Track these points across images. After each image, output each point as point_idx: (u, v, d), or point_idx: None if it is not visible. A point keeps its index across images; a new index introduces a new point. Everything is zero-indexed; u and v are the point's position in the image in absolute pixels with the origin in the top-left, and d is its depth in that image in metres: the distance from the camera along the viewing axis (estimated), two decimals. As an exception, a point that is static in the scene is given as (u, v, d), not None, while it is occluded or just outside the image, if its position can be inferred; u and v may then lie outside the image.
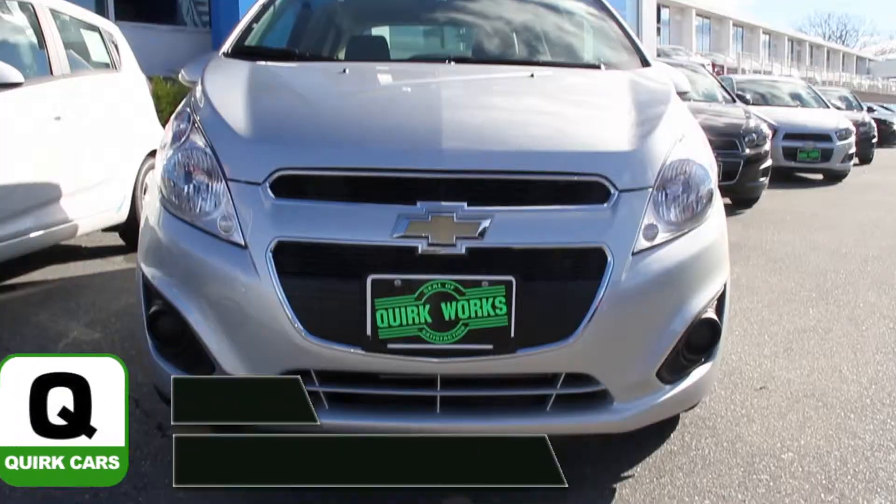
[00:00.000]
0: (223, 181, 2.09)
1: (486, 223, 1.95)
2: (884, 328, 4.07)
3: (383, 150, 2.12)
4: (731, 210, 8.19)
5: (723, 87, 9.97)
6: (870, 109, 20.53)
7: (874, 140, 16.66)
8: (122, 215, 5.20)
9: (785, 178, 11.52)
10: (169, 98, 8.80)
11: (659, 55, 23.93)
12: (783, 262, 5.75)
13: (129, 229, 5.26)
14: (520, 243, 1.98)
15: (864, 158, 15.63)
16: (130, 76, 5.70)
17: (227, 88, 2.53)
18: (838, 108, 15.43)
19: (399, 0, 4.02)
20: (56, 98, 4.55)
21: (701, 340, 2.22)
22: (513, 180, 2.07)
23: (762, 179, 8.28)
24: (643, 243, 2.06)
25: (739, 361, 3.47)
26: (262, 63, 2.97)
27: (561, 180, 2.08)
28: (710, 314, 2.22)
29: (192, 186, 2.14)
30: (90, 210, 4.80)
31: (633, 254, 2.03)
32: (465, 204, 1.97)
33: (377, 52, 3.49)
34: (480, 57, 3.44)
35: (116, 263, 5.18)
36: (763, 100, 13.14)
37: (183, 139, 2.26)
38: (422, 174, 2.03)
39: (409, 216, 1.95)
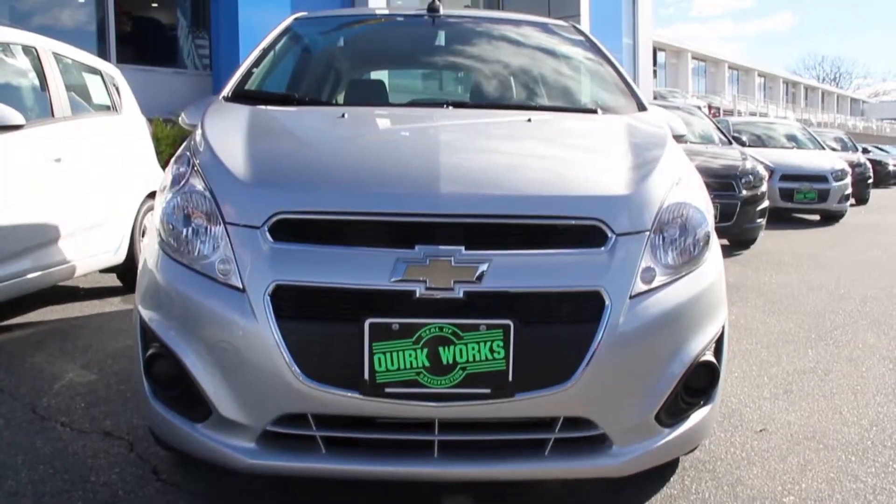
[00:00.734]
0: (222, 224, 2.10)
1: (483, 267, 1.96)
2: (884, 369, 4.06)
3: (381, 193, 2.13)
4: (728, 251, 8.22)
5: (719, 129, 10.05)
6: (865, 150, 20.72)
7: (870, 181, 16.78)
8: (119, 256, 5.21)
9: (782, 218, 11.58)
10: (169, 140, 8.85)
11: (656, 97, 24.19)
12: (781, 302, 5.75)
13: (126, 270, 5.28)
14: (517, 287, 1.98)
15: (861, 199, 15.72)
16: (131, 119, 5.75)
17: (227, 132, 2.55)
18: (834, 150, 15.57)
19: (397, 45, 4.07)
20: (57, 140, 4.59)
21: (700, 383, 2.21)
22: (510, 224, 2.07)
23: (759, 220, 8.30)
24: (641, 287, 2.06)
25: (739, 403, 3.45)
26: (262, 107, 3.00)
27: (558, 224, 2.09)
28: (709, 357, 2.22)
29: (190, 229, 2.15)
30: (88, 251, 4.81)
31: (631, 297, 2.04)
32: (462, 248, 1.97)
33: (376, 95, 3.53)
34: (478, 101, 3.48)
35: (114, 304, 5.17)
36: (759, 141, 13.26)
37: (182, 182, 2.27)
38: (420, 218, 2.04)
39: (407, 260, 1.95)
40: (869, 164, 17.17)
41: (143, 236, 5.40)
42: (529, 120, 2.90)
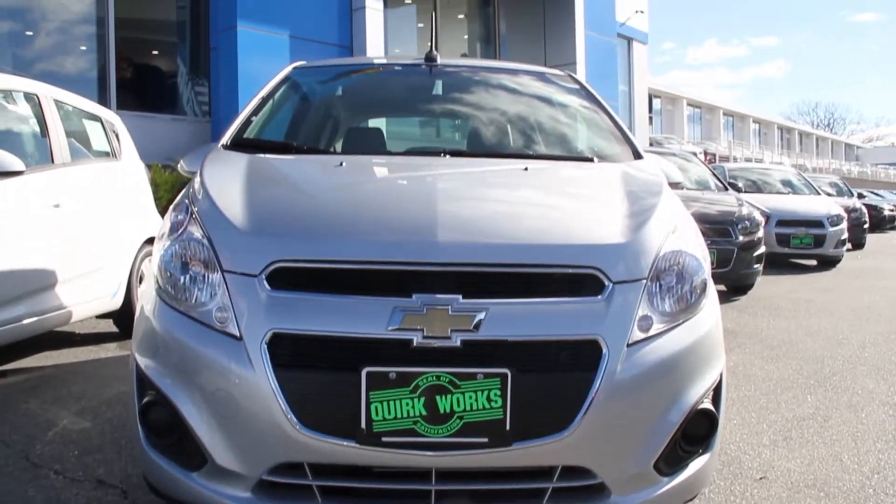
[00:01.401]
0: (219, 272, 2.10)
1: (481, 315, 1.96)
2: (883, 415, 4.04)
3: (379, 242, 2.13)
4: (726, 297, 8.22)
5: (715, 175, 10.12)
6: (860, 195, 20.83)
7: (866, 225, 16.86)
8: (116, 302, 5.20)
9: (779, 264, 11.60)
10: (167, 186, 8.89)
11: (652, 144, 24.41)
12: (780, 348, 5.74)
13: (123, 316, 5.27)
14: (515, 336, 1.98)
15: (857, 244, 15.77)
16: (130, 165, 5.78)
17: (226, 180, 2.57)
18: (829, 195, 15.67)
19: (395, 94, 4.11)
20: (56, 186, 4.61)
21: (698, 431, 2.20)
22: (508, 273, 2.08)
23: (756, 266, 8.32)
24: (638, 335, 2.06)
25: (738, 451, 3.43)
26: (261, 155, 3.01)
27: (555, 273, 2.10)
28: (707, 405, 2.21)
29: (188, 277, 2.16)
30: (85, 297, 4.81)
31: (628, 345, 2.04)
32: (460, 296, 1.98)
33: (374, 144, 3.56)
34: (475, 150, 3.50)
35: (109, 350, 5.15)
36: (755, 187, 13.36)
37: (180, 230, 2.28)
38: (417, 267, 2.04)
39: (405, 309, 1.95)
40: (864, 209, 17.28)
41: (140, 282, 5.40)
42: (526, 168, 2.92)
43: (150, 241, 5.54)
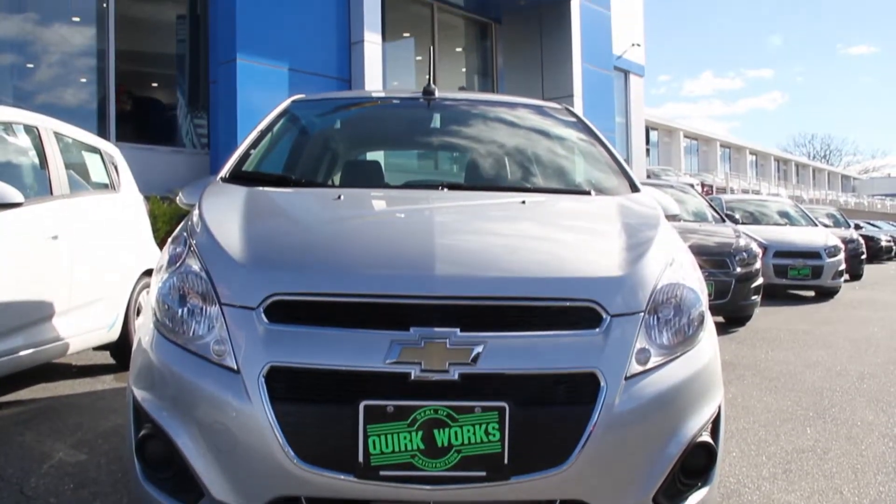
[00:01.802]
0: (217, 305, 2.11)
1: (478, 349, 1.96)
2: (883, 447, 4.02)
3: (377, 275, 2.14)
4: (724, 328, 8.21)
5: (712, 206, 10.16)
6: (857, 226, 20.87)
7: (863, 256, 16.88)
8: (113, 334, 5.18)
9: (777, 295, 11.60)
10: (165, 218, 8.91)
11: (649, 175, 24.51)
12: (778, 380, 5.72)
13: (120, 348, 5.25)
14: (513, 369, 1.98)
15: (855, 274, 15.79)
16: (128, 197, 5.80)
17: (224, 213, 2.58)
18: (826, 226, 15.70)
19: (394, 127, 4.13)
20: (54, 218, 4.62)
21: (697, 464, 2.20)
22: (505, 306, 2.08)
23: (754, 297, 8.33)
24: (636, 368, 2.06)
25: (738, 483, 3.41)
26: (259, 188, 3.03)
27: (553, 306, 2.10)
28: (706, 437, 2.21)
29: (186, 310, 2.16)
30: (82, 329, 4.80)
31: (626, 378, 2.04)
32: (457, 330, 1.98)
33: (372, 177, 3.58)
34: (473, 183, 3.51)
35: (106, 383, 5.13)
36: (752, 218, 13.41)
37: (179, 263, 2.29)
38: (415, 300, 2.04)
39: (402, 342, 1.96)
40: (861, 240, 17.31)
41: (137, 314, 5.39)
42: (524, 202, 2.93)
43: (148, 272, 5.55)
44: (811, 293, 12.41)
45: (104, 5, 11.28)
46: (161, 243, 6.13)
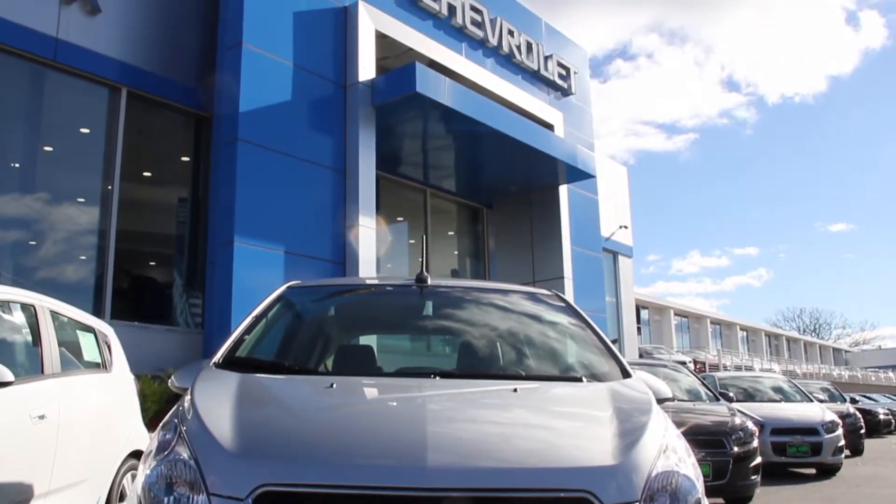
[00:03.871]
0: (205, 494, 2.07)
1: None
2: None
3: (369, 467, 2.12)
4: (725, 509, 7.96)
5: (704, 384, 10.12)
6: (853, 400, 20.67)
7: (862, 431, 16.57)
8: (95, 519, 5.01)
9: (778, 474, 11.32)
10: (155, 397, 8.80)
11: (641, 354, 24.47)
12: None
13: (101, 533, 5.05)
14: None
15: (855, 450, 15.45)
16: (120, 377, 5.78)
17: (216, 400, 2.58)
18: (821, 401, 15.55)
19: (386, 314, 4.18)
20: (43, 397, 4.58)
21: None
22: (499, 497, 2.06)
23: (754, 477, 8.13)
24: (633, 559, 2.01)
25: None
26: (252, 375, 3.03)
27: (546, 497, 2.08)
28: None
29: (172, 499, 2.12)
30: (63, 513, 4.64)
31: None
32: None
33: (365, 364, 3.57)
34: (465, 371, 3.49)
35: (84, 572, 4.89)
36: (746, 395, 13.30)
37: (167, 451, 2.27)
38: (407, 492, 2.02)
39: None
40: (859, 414, 17.07)
41: (121, 499, 5.24)
42: (516, 390, 2.92)
43: (134, 454, 5.45)
44: (812, 470, 12.12)
45: (109, 187, 11.67)
46: (149, 423, 6.06)
